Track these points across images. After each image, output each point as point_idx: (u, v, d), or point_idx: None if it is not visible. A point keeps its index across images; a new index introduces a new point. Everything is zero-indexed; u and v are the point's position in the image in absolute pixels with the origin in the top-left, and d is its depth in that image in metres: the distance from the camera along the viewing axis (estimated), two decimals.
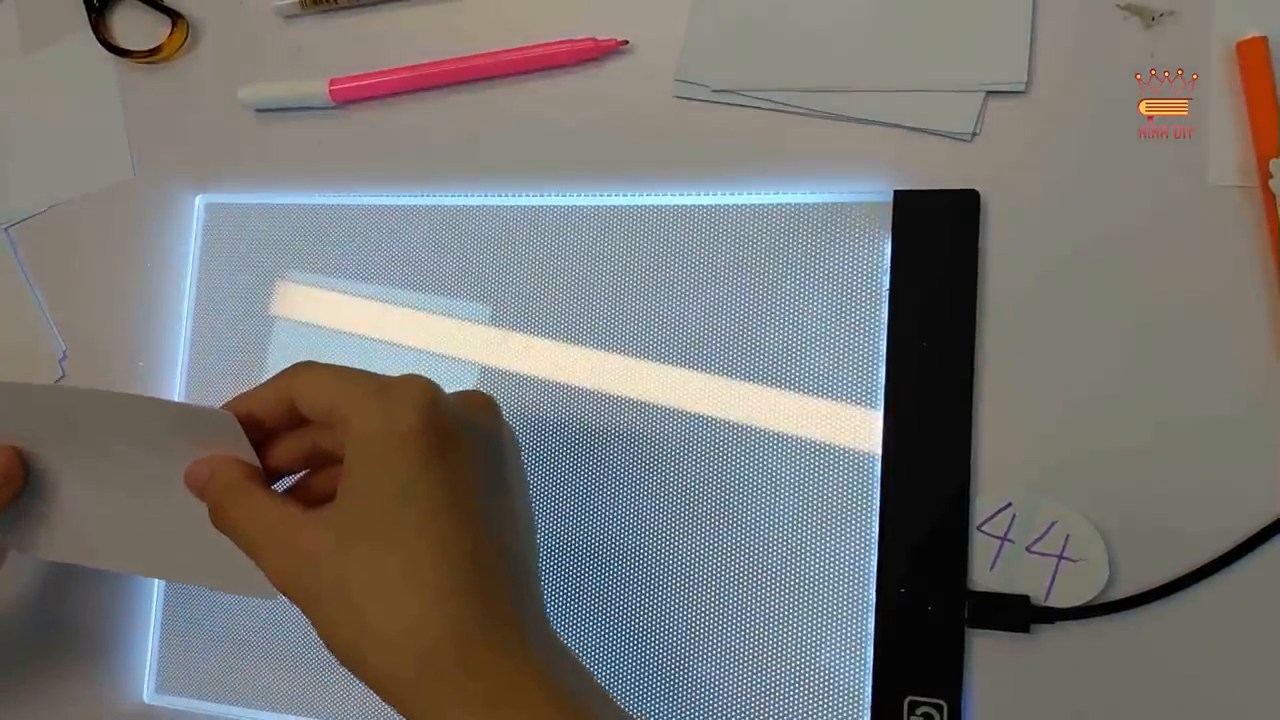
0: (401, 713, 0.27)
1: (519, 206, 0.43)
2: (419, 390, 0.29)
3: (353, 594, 0.27)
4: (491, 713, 0.26)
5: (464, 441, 0.29)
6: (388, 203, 0.44)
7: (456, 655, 0.26)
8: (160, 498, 0.34)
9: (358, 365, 0.31)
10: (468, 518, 0.28)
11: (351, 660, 0.28)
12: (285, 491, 0.33)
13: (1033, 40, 0.38)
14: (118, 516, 0.35)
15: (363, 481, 0.28)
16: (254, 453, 0.32)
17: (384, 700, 0.27)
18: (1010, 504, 0.36)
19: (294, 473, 0.33)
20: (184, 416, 0.32)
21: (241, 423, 0.31)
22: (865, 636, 0.36)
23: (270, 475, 0.32)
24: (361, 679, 0.28)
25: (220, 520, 0.31)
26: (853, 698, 0.36)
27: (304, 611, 0.28)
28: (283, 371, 0.31)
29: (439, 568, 0.27)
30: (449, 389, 0.31)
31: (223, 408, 0.31)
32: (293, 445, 0.32)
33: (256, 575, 0.30)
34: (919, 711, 0.35)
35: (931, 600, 0.36)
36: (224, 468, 0.31)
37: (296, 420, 0.31)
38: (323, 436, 0.32)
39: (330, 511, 0.29)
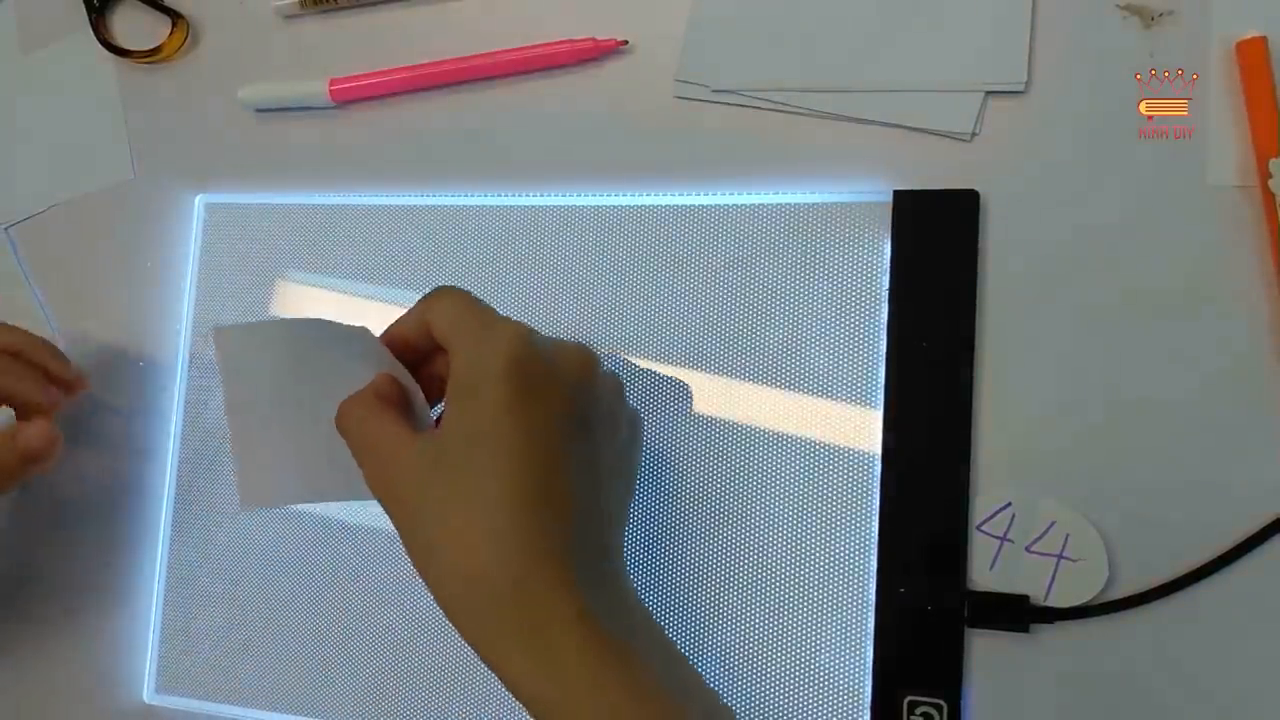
0: (458, 629, 0.29)
1: (519, 206, 0.43)
2: (513, 337, 0.31)
3: (430, 514, 0.30)
4: (532, 639, 0.28)
5: (547, 390, 0.31)
6: (388, 203, 0.44)
7: (503, 583, 0.28)
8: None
9: None
10: (536, 463, 0.29)
11: (422, 570, 0.30)
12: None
13: (1033, 40, 0.38)
14: (330, 445, 0.36)
15: (453, 415, 0.30)
16: (405, 371, 0.34)
17: (446, 616, 0.29)
18: (1010, 504, 0.36)
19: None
20: (358, 341, 0.34)
21: (395, 347, 0.34)
22: (865, 636, 0.36)
23: (431, 394, 0.34)
24: (429, 588, 0.30)
25: (340, 424, 0.33)
26: (852, 697, 0.36)
27: (391, 518, 0.31)
28: (425, 296, 0.34)
29: (500, 505, 0.29)
30: None
31: (381, 334, 0.34)
32: (442, 364, 0.34)
33: None
34: (918, 711, 0.35)
35: (931, 600, 0.36)
36: (376, 382, 0.33)
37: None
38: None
39: (424, 437, 0.31)
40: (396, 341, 0.34)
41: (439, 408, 0.35)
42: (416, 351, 0.34)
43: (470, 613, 0.29)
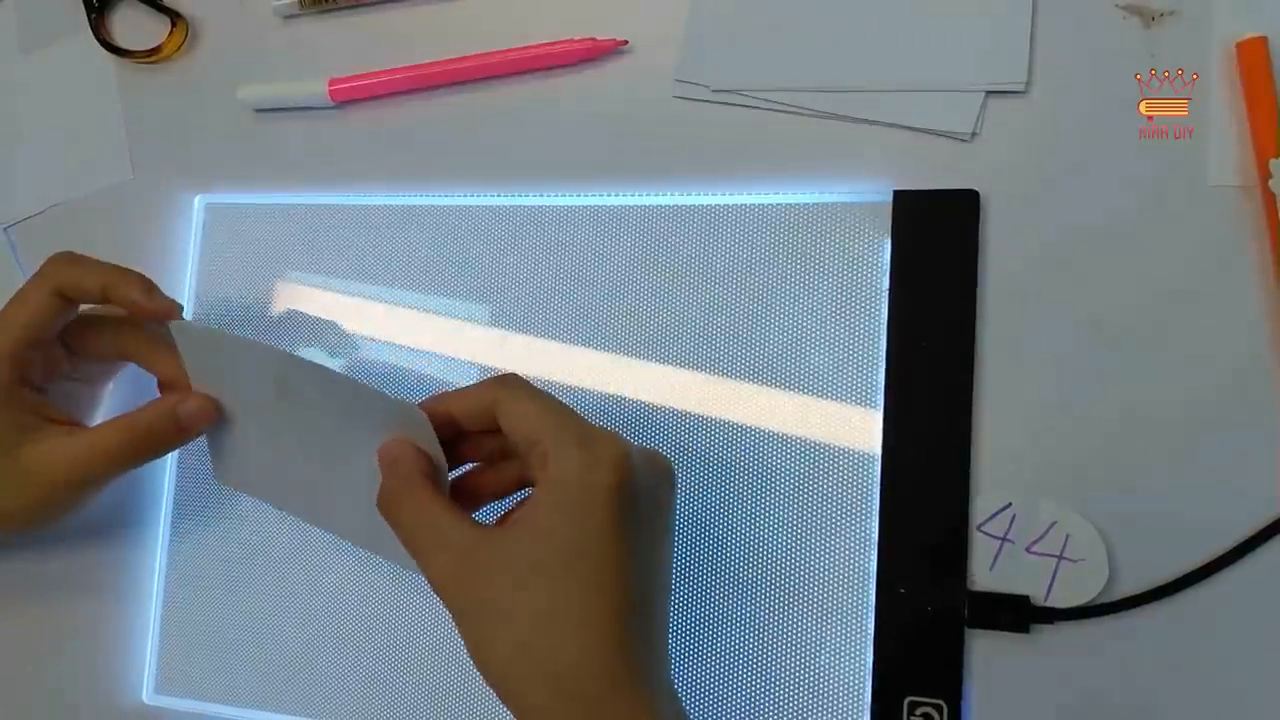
0: None
1: (519, 206, 0.43)
2: (619, 452, 0.31)
3: (517, 621, 0.30)
4: None
5: (642, 508, 0.31)
6: (388, 203, 0.44)
7: (592, 699, 0.29)
8: (344, 464, 0.36)
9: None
10: (633, 581, 0.30)
11: (497, 677, 0.30)
12: (454, 479, 0.35)
13: (1033, 40, 0.38)
14: (307, 470, 0.38)
15: (549, 524, 0.30)
16: (440, 450, 0.33)
17: (515, 716, 0.30)
18: (1010, 504, 0.36)
19: (473, 463, 0.35)
20: (383, 405, 0.34)
21: (438, 421, 0.33)
22: (865, 636, 0.36)
23: (451, 465, 0.34)
24: (501, 695, 0.30)
25: (390, 510, 0.33)
26: (852, 698, 0.36)
27: (456, 619, 0.31)
28: (490, 382, 0.33)
29: (600, 620, 0.30)
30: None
31: (425, 402, 0.33)
32: (480, 446, 0.35)
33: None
34: (919, 712, 0.35)
35: (931, 600, 0.36)
36: (408, 458, 0.33)
37: (491, 427, 0.33)
38: (509, 443, 0.33)
39: (509, 538, 0.31)
40: (443, 418, 0.33)
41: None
42: (454, 430, 0.34)
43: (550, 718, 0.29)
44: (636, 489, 0.31)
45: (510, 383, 0.33)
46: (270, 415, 0.38)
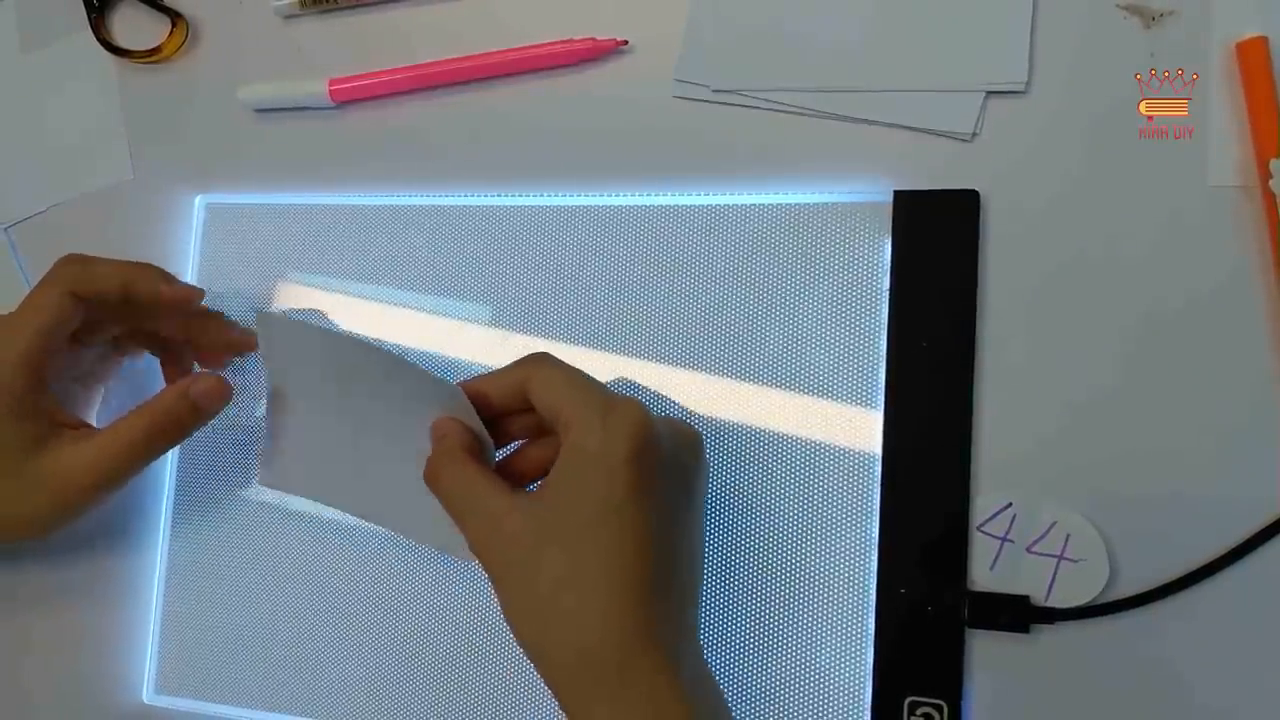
0: (556, 696, 0.30)
1: (519, 206, 0.43)
2: (638, 420, 0.31)
3: (541, 584, 0.30)
4: (630, 715, 0.29)
5: (666, 475, 0.32)
6: (388, 203, 0.44)
7: (614, 662, 0.29)
8: (395, 450, 0.36)
9: None
10: (653, 546, 0.31)
11: (525, 638, 0.31)
12: (501, 460, 0.36)
13: (1033, 40, 0.38)
14: (358, 461, 0.38)
15: (570, 490, 0.31)
16: (482, 425, 0.35)
17: (544, 681, 0.31)
18: (1010, 504, 0.36)
19: (516, 441, 0.37)
20: (426, 383, 0.35)
21: (475, 401, 0.34)
22: (865, 637, 0.36)
23: (497, 444, 0.35)
24: (529, 656, 0.31)
25: (433, 481, 0.34)
26: (853, 698, 0.36)
27: (493, 582, 0.32)
28: (522, 361, 0.35)
29: (620, 584, 0.30)
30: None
31: (461, 384, 0.35)
32: (519, 424, 0.36)
33: (459, 538, 0.33)
34: (919, 712, 0.35)
35: (931, 600, 0.36)
36: (454, 433, 0.34)
37: (527, 405, 0.34)
38: (544, 420, 0.34)
39: (535, 504, 0.32)
40: (479, 398, 0.34)
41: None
42: (492, 410, 0.35)
43: (574, 683, 0.30)
44: (657, 456, 0.31)
45: (539, 359, 0.34)
46: (332, 407, 0.38)
